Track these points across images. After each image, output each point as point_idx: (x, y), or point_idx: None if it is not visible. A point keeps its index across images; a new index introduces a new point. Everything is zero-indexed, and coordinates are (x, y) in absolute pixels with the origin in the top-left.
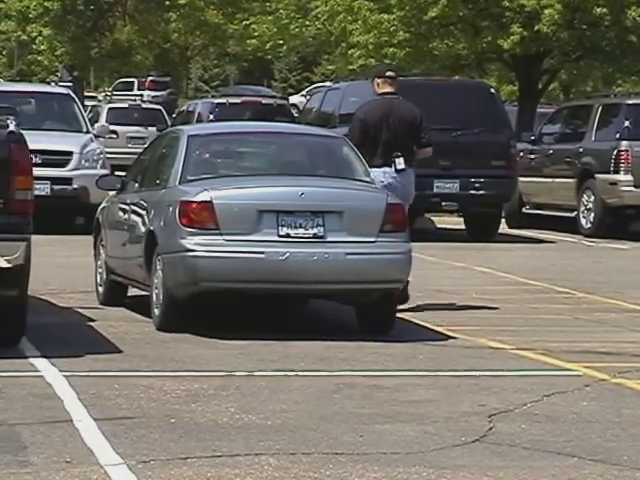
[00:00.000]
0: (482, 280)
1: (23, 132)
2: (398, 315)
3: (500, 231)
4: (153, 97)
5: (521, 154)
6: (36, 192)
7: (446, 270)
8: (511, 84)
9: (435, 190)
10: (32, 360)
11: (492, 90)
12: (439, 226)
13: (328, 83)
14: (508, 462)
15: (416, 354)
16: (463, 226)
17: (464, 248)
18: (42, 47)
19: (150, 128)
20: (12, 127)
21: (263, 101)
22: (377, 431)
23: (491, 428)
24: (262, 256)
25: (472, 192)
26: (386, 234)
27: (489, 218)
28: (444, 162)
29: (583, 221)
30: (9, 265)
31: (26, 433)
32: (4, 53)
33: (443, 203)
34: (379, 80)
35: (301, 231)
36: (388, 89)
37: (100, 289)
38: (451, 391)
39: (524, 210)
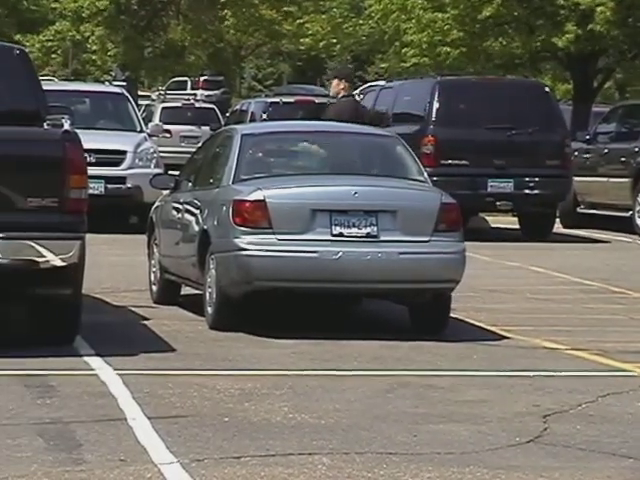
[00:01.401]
0: (536, 280)
1: (77, 131)
2: (452, 315)
3: (554, 231)
4: (206, 96)
5: (576, 153)
6: (90, 191)
7: (500, 270)
8: (566, 83)
9: (489, 189)
10: (86, 358)
11: (547, 89)
12: (493, 226)
13: (381, 82)
14: (563, 463)
15: (470, 354)
16: (517, 226)
17: (518, 248)
18: (94, 47)
19: (203, 127)
20: (67, 126)
21: (316, 100)
22: (431, 431)
23: (546, 429)
24: (315, 255)
25: (526, 191)
26: (440, 234)
27: (543, 218)
28: (498, 161)
29: (638, 221)
30: (64, 264)
31: (80, 431)
32: (59, 52)
33: (497, 202)
34: (347, 84)
35: (354, 230)
36: (349, 92)
37: (154, 288)
38: (505, 391)
39: (579, 210)
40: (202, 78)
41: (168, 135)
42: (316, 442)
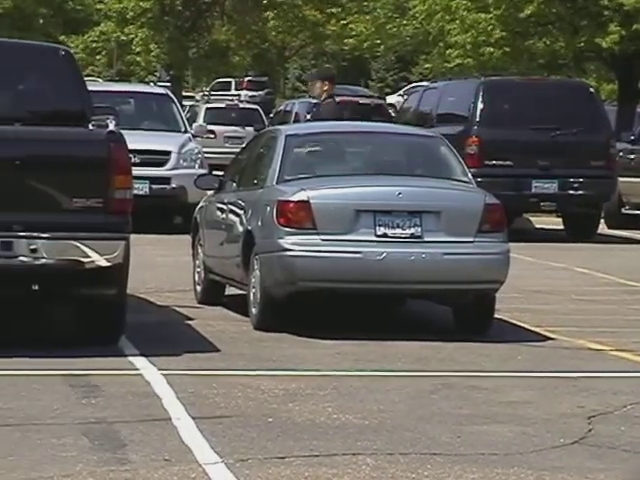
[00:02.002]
0: (581, 281)
1: (122, 132)
2: (496, 315)
3: (599, 231)
4: (250, 97)
5: (620, 154)
6: (135, 191)
7: (544, 270)
8: (611, 83)
9: (533, 190)
10: (131, 358)
11: (591, 89)
12: (537, 226)
13: (425, 83)
14: (608, 464)
15: (514, 355)
16: (562, 226)
17: (563, 248)
18: (138, 49)
19: (247, 128)
20: (112, 127)
21: (360, 101)
22: (475, 432)
23: (590, 430)
24: (359, 256)
25: (571, 192)
26: (484, 234)
27: (588, 218)
28: (542, 162)
29: None
30: (108, 264)
31: (125, 431)
32: (104, 53)
33: (541, 203)
34: (330, 85)
35: (398, 231)
36: (332, 92)
37: (198, 288)
38: (549, 392)
39: (623, 210)
40: (246, 79)
41: (212, 136)
42: (360, 443)
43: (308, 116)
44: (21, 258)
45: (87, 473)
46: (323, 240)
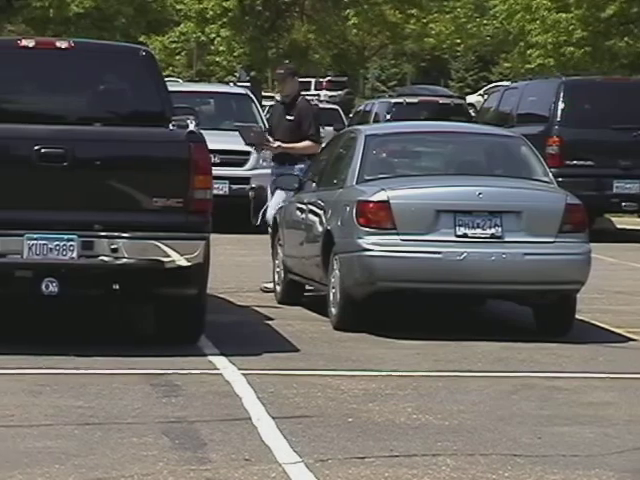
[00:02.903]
0: None
1: (202, 132)
2: (577, 316)
3: None
4: (330, 97)
5: None
6: (215, 191)
7: (626, 271)
8: None
9: (615, 190)
10: (211, 358)
11: None
12: (619, 227)
13: (506, 82)
14: None
15: (595, 356)
16: None
17: None
18: (220, 48)
19: (327, 128)
20: (192, 127)
21: (440, 101)
22: (556, 433)
23: None
24: (439, 256)
25: None
26: (565, 235)
27: None
28: (624, 162)
29: None
30: (189, 264)
31: (205, 430)
32: (183, 54)
33: (623, 203)
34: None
35: (479, 231)
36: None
37: (278, 288)
38: (631, 393)
39: None
40: (326, 79)
41: None
42: (440, 443)
43: (388, 116)
44: (102, 258)
45: (167, 472)
46: (403, 240)
